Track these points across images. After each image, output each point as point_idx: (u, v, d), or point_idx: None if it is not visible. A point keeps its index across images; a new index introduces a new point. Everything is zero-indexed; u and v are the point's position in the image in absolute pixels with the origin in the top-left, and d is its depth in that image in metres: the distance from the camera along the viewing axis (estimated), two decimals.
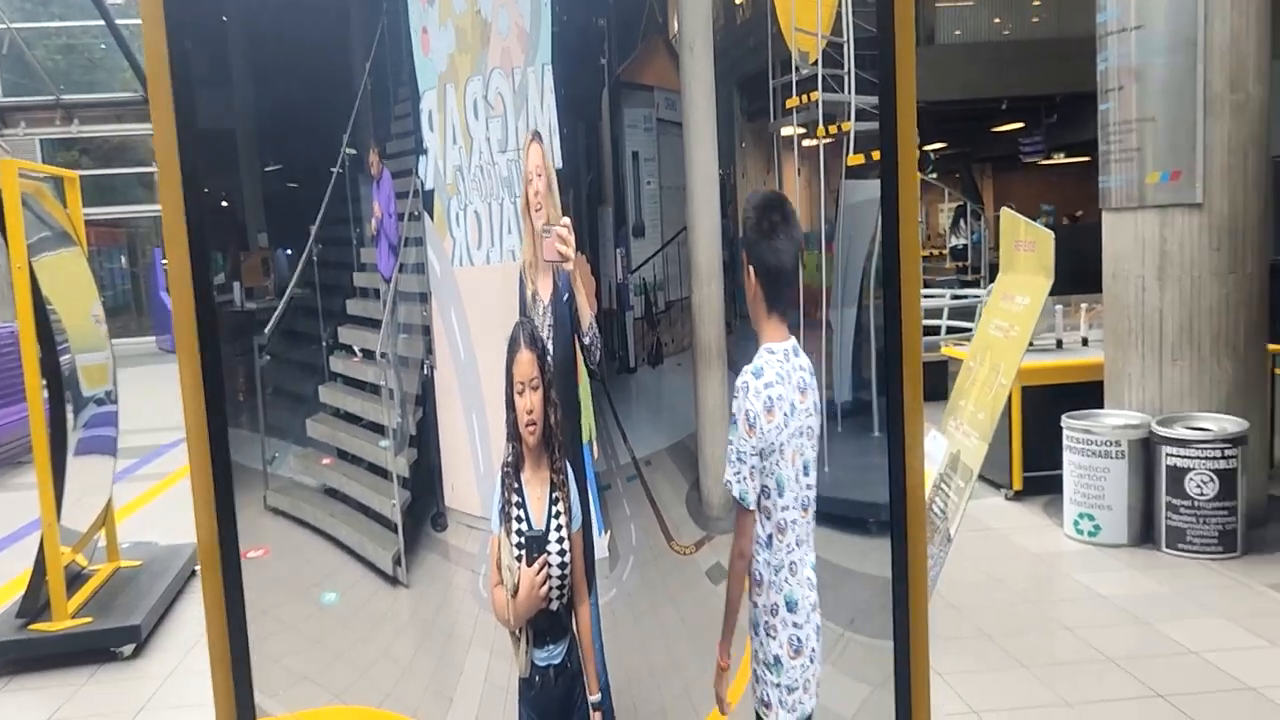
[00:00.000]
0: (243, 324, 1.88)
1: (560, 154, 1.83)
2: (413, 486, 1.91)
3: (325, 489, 1.92)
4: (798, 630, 1.89)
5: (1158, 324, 5.36)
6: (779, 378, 1.83)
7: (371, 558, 1.89)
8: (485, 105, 1.83)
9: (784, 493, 1.86)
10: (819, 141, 2.36)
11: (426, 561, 1.92)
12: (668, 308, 1.96)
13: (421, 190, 1.85)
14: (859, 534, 2.06)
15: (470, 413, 1.88)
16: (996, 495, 6.25)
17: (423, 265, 1.87)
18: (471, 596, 1.92)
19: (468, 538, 1.90)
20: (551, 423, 1.85)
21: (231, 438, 1.88)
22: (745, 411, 1.81)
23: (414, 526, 1.90)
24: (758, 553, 1.87)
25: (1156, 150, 5.29)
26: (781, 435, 1.83)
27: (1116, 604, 4.63)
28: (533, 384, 1.82)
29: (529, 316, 1.86)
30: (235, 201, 1.93)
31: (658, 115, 2.00)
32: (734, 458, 1.83)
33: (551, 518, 1.87)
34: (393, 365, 1.88)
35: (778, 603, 1.88)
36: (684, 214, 2.00)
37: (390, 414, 1.90)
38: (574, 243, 1.82)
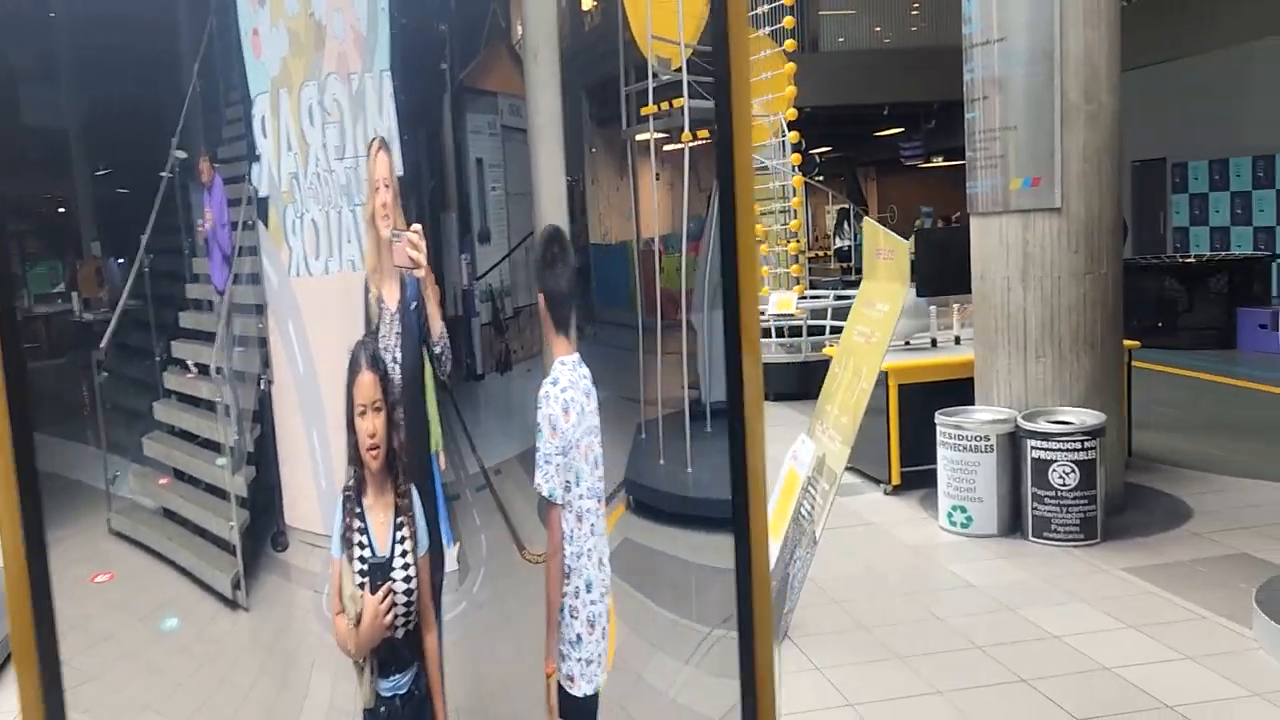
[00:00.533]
0: (82, 336, 1.79)
1: (401, 161, 1.80)
2: (251, 506, 1.84)
3: (163, 510, 1.84)
4: (594, 608, 1.96)
5: (1022, 323, 5.61)
6: (570, 384, 1.91)
7: (210, 581, 1.82)
8: (321, 111, 1.78)
9: (581, 483, 1.92)
10: (684, 146, 2.39)
11: (267, 583, 1.86)
12: (516, 314, 1.95)
13: (255, 198, 1.79)
14: (728, 533, 2.07)
15: (310, 428, 1.83)
16: (876, 490, 6.44)
17: (258, 276, 1.81)
18: (314, 617, 1.87)
19: (310, 557, 1.85)
20: (395, 445, 1.81)
21: (75, 455, 1.80)
22: (548, 417, 1.88)
23: (254, 547, 1.84)
24: (564, 545, 1.91)
25: (1018, 157, 5.54)
26: (576, 432, 1.91)
27: (986, 593, 4.82)
28: (375, 406, 1.78)
29: (371, 334, 1.82)
30: (70, 206, 1.84)
31: (502, 121, 1.98)
32: (542, 462, 1.88)
33: (396, 543, 1.83)
34: (228, 380, 1.81)
35: (579, 586, 1.94)
36: (531, 220, 1.99)
37: (226, 431, 1.83)
38: (425, 249, 1.79)
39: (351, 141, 1.81)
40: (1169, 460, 6.78)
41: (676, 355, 2.27)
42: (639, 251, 2.30)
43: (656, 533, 2.19)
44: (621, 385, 2.18)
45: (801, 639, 4.37)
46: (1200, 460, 6.75)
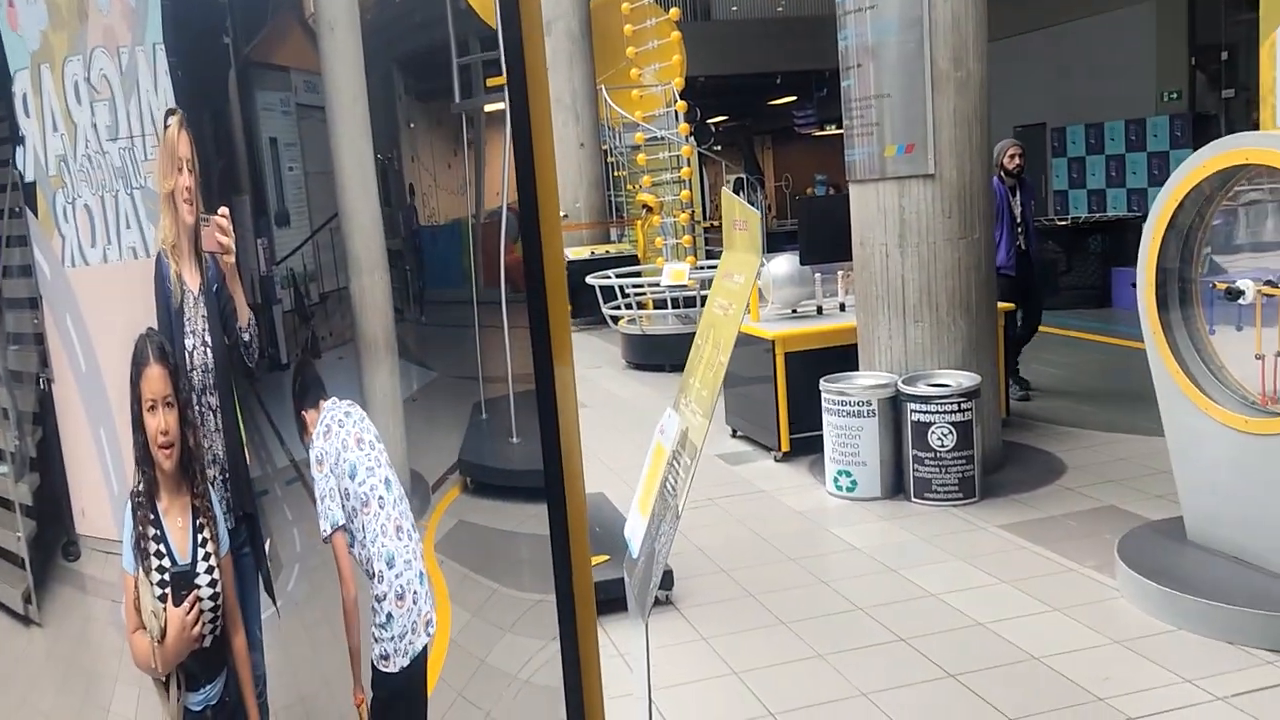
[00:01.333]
0: None
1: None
2: (38, 515, 1.72)
3: None
4: (399, 580, 1.90)
5: (900, 289, 5.70)
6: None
7: (1, 596, 1.69)
8: (89, 88, 1.65)
9: (355, 475, 1.85)
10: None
11: (61, 595, 1.74)
12: (322, 299, 1.85)
13: (21, 183, 1.65)
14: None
15: (98, 428, 1.71)
16: (767, 458, 6.51)
17: (29, 267, 1.68)
18: (114, 628, 1.76)
19: (105, 565, 1.73)
20: (190, 444, 1.70)
21: None
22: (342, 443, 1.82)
23: (44, 558, 1.72)
24: (352, 551, 1.86)
25: (893, 125, 5.60)
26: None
27: (869, 554, 4.92)
28: (166, 401, 1.66)
29: (174, 318, 1.70)
30: None
31: (296, 99, 1.87)
32: (321, 497, 1.82)
33: (198, 546, 1.72)
34: (4, 382, 1.68)
35: (380, 569, 1.88)
36: (334, 201, 1.88)
37: (6, 437, 1.69)
38: (234, 232, 1.68)
39: (125, 121, 1.68)
40: (1045, 418, 7.01)
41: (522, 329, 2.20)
42: (480, 225, 2.20)
43: (494, 510, 2.12)
44: (456, 365, 2.10)
45: (688, 609, 4.39)
46: (1074, 417, 7.00)
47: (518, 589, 2.02)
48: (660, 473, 4.35)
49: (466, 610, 2.00)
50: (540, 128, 1.80)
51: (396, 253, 1.96)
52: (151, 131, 1.67)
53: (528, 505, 2.02)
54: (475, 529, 2.05)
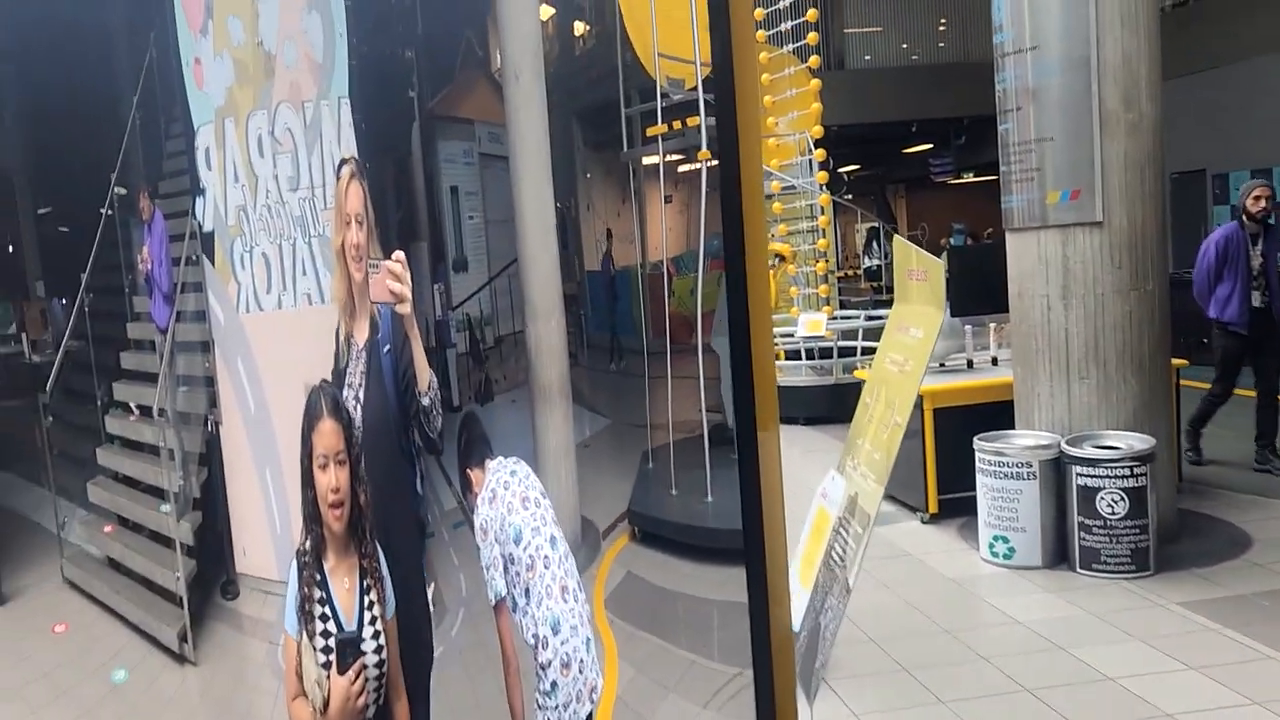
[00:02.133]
0: (32, 378, 1.73)
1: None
2: (198, 554, 1.75)
3: (108, 560, 1.76)
4: (565, 647, 1.81)
5: (1064, 343, 5.36)
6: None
7: (156, 634, 1.72)
8: (272, 141, 1.70)
9: (520, 539, 1.78)
10: (701, 165, 2.30)
11: (217, 634, 1.76)
12: (497, 343, 1.85)
13: (200, 232, 1.71)
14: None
15: (263, 469, 1.74)
16: (913, 519, 6.20)
17: (203, 313, 1.73)
18: (269, 671, 1.76)
19: (263, 605, 1.74)
20: (361, 503, 1.64)
21: (32, 497, 1.74)
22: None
23: (202, 597, 1.74)
24: (515, 616, 1.79)
25: (1056, 169, 5.32)
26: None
27: (1032, 629, 4.56)
28: (338, 458, 1.60)
29: (337, 374, 1.70)
30: (15, 247, 1.79)
31: (480, 149, 1.90)
32: (485, 567, 1.77)
33: (364, 609, 1.65)
34: (172, 423, 1.73)
35: (545, 634, 1.79)
36: (514, 247, 1.90)
37: (170, 476, 1.74)
38: (410, 279, 1.66)
39: (306, 171, 1.73)
40: (1223, 485, 6.42)
41: (690, 379, 2.16)
42: (645, 275, 2.20)
43: (668, 566, 2.06)
44: (626, 412, 2.08)
45: (837, 681, 4.17)
46: (1257, 484, 6.39)
47: (696, 653, 1.94)
48: (824, 541, 4.14)
49: (633, 666, 1.93)
50: (750, 180, 1.75)
51: (569, 299, 1.97)
52: (331, 182, 1.72)
53: (715, 567, 1.95)
54: (647, 585, 1.99)
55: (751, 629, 1.87)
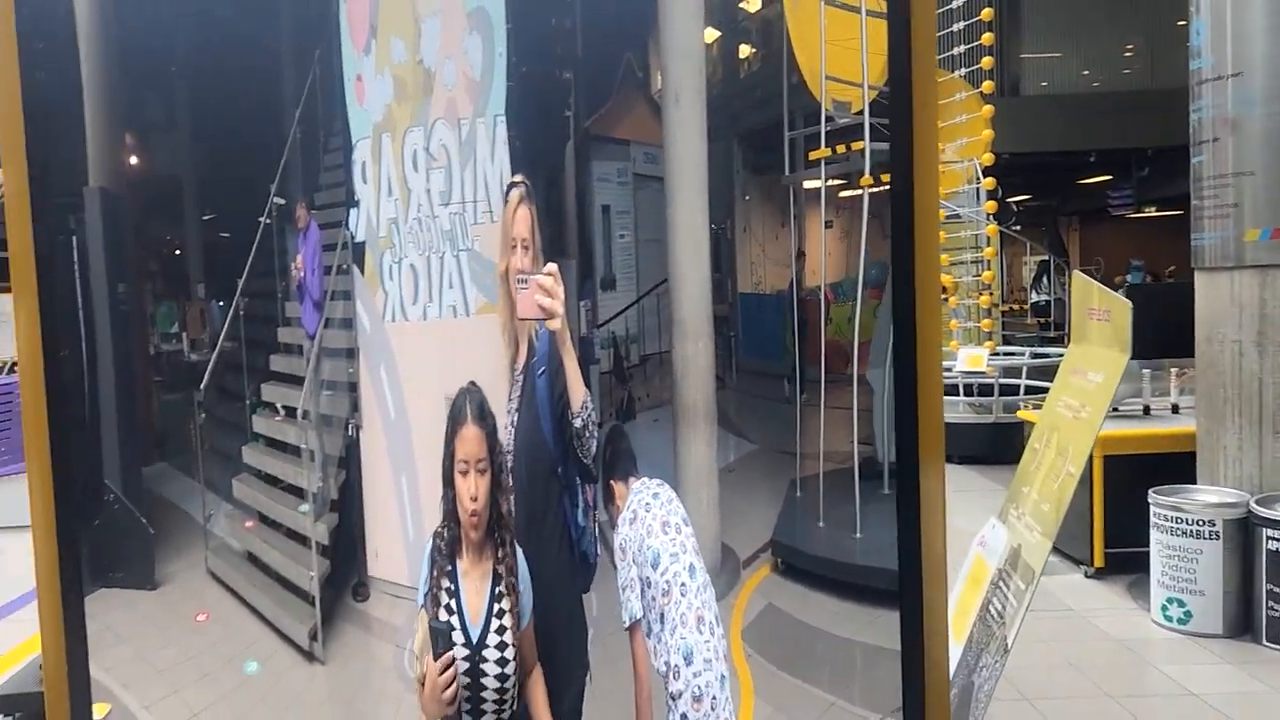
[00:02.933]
0: (190, 376, 1.84)
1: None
2: (333, 554, 1.80)
3: (248, 554, 1.84)
4: (697, 680, 1.74)
5: (1256, 393, 4.88)
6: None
7: (288, 630, 1.78)
8: (427, 156, 1.75)
9: (659, 563, 1.72)
10: (864, 190, 2.25)
11: (346, 635, 1.80)
12: (642, 362, 1.83)
13: (351, 243, 1.77)
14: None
15: (400, 475, 1.77)
16: (1076, 572, 5.77)
17: (350, 320, 1.79)
18: (395, 675, 1.79)
19: (393, 609, 1.77)
20: (502, 510, 1.62)
21: (184, 487, 1.84)
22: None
23: (333, 597, 1.79)
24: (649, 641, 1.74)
25: (1255, 206, 4.87)
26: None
27: (1209, 703, 4.15)
28: (479, 466, 1.59)
29: (476, 384, 1.70)
30: (183, 251, 1.91)
31: (634, 169, 1.90)
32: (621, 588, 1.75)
33: (493, 616, 1.64)
34: (314, 425, 1.79)
35: (677, 663, 1.72)
36: (664, 267, 1.88)
37: (311, 477, 1.80)
38: (562, 294, 1.64)
39: (459, 187, 1.76)
40: None
41: (842, 410, 2.10)
42: (800, 300, 2.15)
43: (811, 601, 1.99)
44: (773, 438, 2.03)
45: None
46: None
47: (837, 695, 1.86)
48: (981, 593, 3.87)
49: (769, 704, 1.86)
50: (925, 207, 1.67)
51: (719, 320, 1.94)
52: (483, 198, 1.75)
53: (862, 606, 1.87)
54: (788, 619, 1.92)
55: (904, 676, 1.76)
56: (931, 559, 1.74)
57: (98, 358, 1.75)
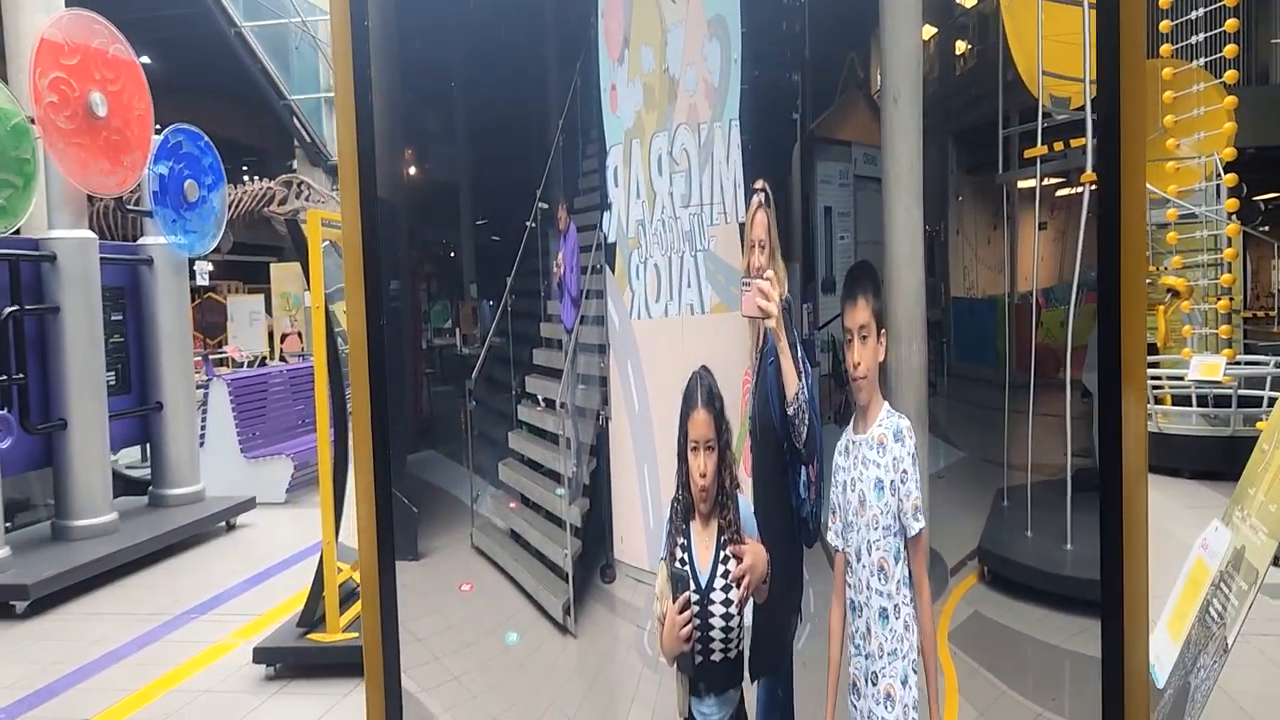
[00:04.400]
0: (463, 368, 2.02)
1: (744, 209, 1.80)
2: (584, 536, 1.92)
3: (511, 532, 1.99)
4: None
5: None
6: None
7: (545, 604, 1.92)
8: (670, 160, 1.84)
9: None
10: (1085, 188, 2.18)
11: (594, 612, 1.92)
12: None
13: (604, 244, 1.89)
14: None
15: (642, 465, 1.87)
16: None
17: (603, 317, 1.90)
18: (636, 652, 1.89)
19: (634, 591, 1.88)
20: (726, 484, 1.80)
21: (452, 472, 2.02)
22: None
23: (584, 576, 1.92)
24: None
25: None
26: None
27: None
28: (708, 444, 1.77)
29: (707, 369, 1.82)
30: (456, 253, 2.09)
31: (855, 171, 1.92)
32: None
33: (718, 562, 1.82)
34: (570, 415, 1.92)
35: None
36: (881, 270, 1.90)
37: (566, 463, 1.93)
38: (778, 297, 1.76)
39: (698, 189, 1.85)
40: None
41: (1054, 417, 2.05)
42: (1013, 305, 2.11)
43: (1016, 610, 1.97)
44: (983, 446, 2.00)
45: None
46: None
47: (1041, 704, 1.82)
48: (1201, 595, 3.68)
49: (974, 707, 1.85)
50: (1133, 207, 1.63)
51: (932, 325, 1.93)
52: (719, 200, 1.82)
53: (1070, 616, 1.84)
54: (991, 624, 1.90)
55: (1103, 684, 1.74)
56: (1133, 568, 1.72)
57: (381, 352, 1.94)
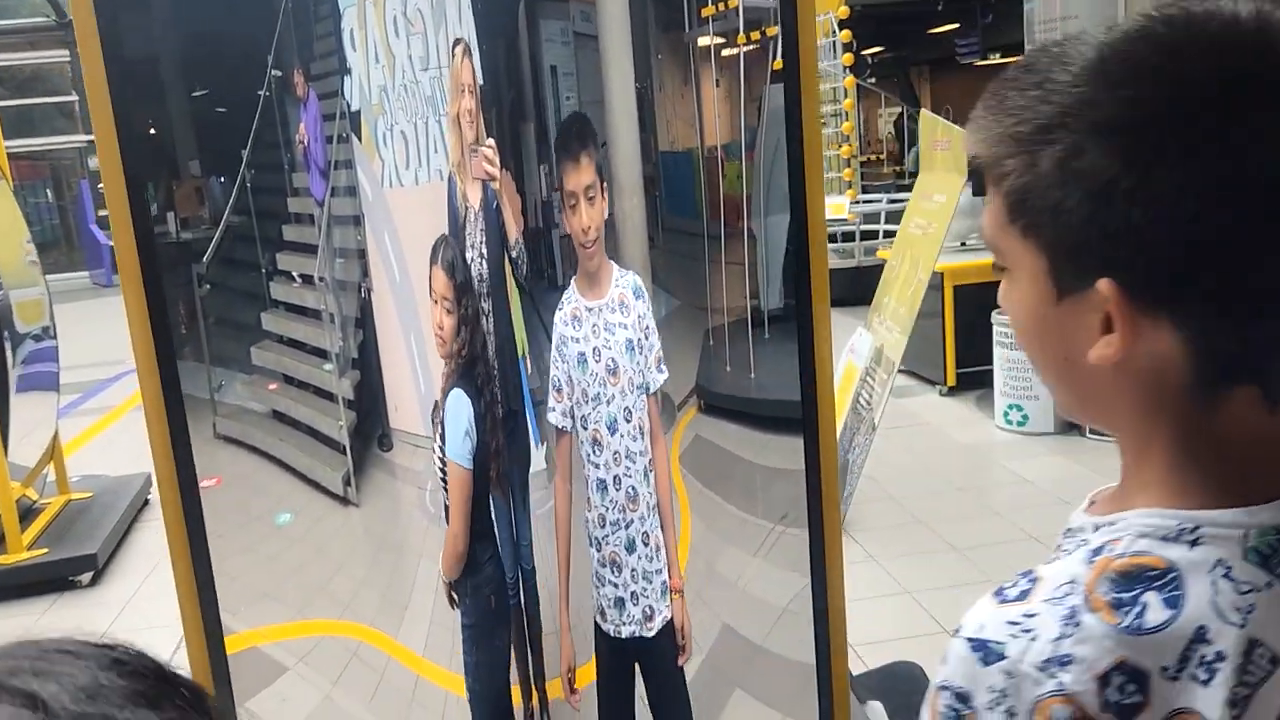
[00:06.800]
0: (180, 255, 1.87)
1: (481, 71, 1.83)
2: (358, 408, 1.95)
3: (274, 413, 1.96)
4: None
5: None
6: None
7: (321, 480, 1.94)
8: (405, 22, 1.81)
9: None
10: (739, 49, 2.36)
11: (375, 480, 1.97)
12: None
13: (348, 111, 1.84)
14: (787, 434, 2.15)
15: (408, 334, 1.92)
16: (932, 392, 6.49)
17: (354, 188, 1.88)
18: (419, 512, 1.99)
19: (413, 456, 1.95)
20: (478, 349, 1.86)
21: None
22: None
23: (362, 447, 1.95)
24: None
25: None
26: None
27: (1041, 487, 4.90)
28: (445, 304, 1.82)
29: (458, 230, 1.87)
30: (164, 130, 1.90)
31: (574, 29, 1.99)
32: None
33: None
34: (331, 289, 1.90)
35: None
36: (604, 130, 2.01)
37: (332, 338, 1.92)
38: (499, 161, 1.84)
39: (435, 52, 1.84)
40: None
41: (740, 264, 2.30)
42: (704, 159, 2.31)
43: (727, 433, 2.26)
44: (691, 293, 2.22)
45: (859, 533, 4.50)
46: None
47: (757, 515, 2.17)
48: (853, 389, 4.45)
49: (702, 519, 2.16)
50: (808, 63, 1.86)
51: (648, 180, 2.08)
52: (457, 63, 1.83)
53: (762, 433, 2.16)
54: (711, 447, 2.19)
55: (807, 488, 2.08)
56: (824, 388, 2.03)
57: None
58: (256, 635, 2.05)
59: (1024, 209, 0.66)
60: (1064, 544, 0.74)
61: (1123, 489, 0.72)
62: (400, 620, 1.99)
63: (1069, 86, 0.63)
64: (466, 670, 1.93)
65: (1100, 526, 0.68)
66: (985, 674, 0.64)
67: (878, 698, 3.31)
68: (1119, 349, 0.64)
